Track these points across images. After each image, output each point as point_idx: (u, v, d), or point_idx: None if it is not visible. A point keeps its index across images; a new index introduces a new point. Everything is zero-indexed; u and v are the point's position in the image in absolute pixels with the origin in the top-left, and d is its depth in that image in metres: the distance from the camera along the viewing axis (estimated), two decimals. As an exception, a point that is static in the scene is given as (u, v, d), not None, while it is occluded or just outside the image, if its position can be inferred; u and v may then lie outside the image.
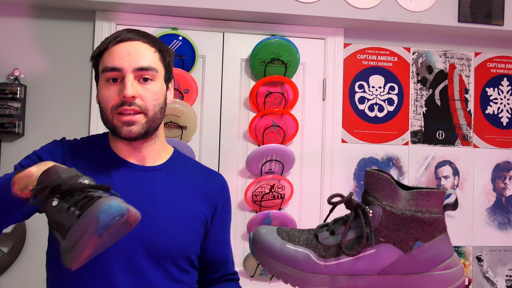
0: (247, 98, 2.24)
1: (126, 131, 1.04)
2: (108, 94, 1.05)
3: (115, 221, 0.73)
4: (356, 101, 2.34)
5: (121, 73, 1.04)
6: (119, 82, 1.05)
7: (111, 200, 0.74)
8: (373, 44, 2.36)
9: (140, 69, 1.04)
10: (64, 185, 0.79)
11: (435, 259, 0.69)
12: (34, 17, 2.16)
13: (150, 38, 1.10)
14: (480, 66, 2.46)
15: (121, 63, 1.04)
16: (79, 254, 0.75)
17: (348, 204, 0.72)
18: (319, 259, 0.70)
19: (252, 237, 0.74)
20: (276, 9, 2.11)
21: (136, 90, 1.03)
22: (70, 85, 2.16)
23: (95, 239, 0.73)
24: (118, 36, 1.07)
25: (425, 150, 2.38)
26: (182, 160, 1.20)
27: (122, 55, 1.04)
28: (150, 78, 1.06)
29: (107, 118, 1.06)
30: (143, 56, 1.06)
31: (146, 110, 1.05)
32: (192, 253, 1.11)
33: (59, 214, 0.78)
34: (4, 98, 2.06)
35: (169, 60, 1.13)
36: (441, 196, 0.69)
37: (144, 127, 1.05)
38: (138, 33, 1.09)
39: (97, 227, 0.72)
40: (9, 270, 2.08)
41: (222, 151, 2.21)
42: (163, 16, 2.18)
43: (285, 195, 2.19)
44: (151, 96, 1.06)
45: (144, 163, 1.12)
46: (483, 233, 2.41)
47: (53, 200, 0.79)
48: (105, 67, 1.05)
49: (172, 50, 1.17)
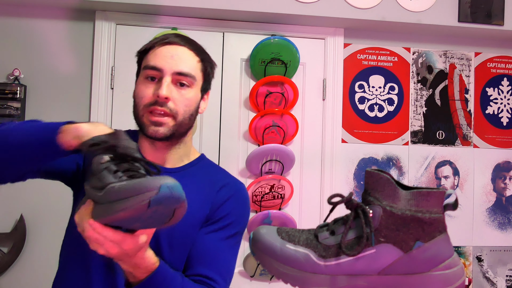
0: (247, 98, 2.24)
1: (152, 130, 1.06)
2: (144, 91, 1.08)
3: (170, 201, 0.72)
4: (356, 101, 2.34)
5: (160, 74, 1.07)
6: (157, 82, 1.08)
7: (177, 182, 0.74)
8: (373, 44, 2.36)
9: (179, 73, 1.07)
10: (121, 148, 0.80)
11: (435, 259, 0.69)
12: (34, 17, 2.16)
13: (196, 46, 1.13)
14: (480, 66, 2.46)
15: (163, 64, 1.07)
16: (116, 211, 0.73)
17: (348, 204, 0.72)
18: (319, 259, 0.70)
19: (252, 237, 0.74)
20: (276, 9, 2.11)
21: (170, 93, 1.06)
22: (70, 85, 2.16)
23: (142, 207, 0.71)
24: (166, 38, 1.11)
25: (425, 150, 2.38)
26: (203, 166, 1.19)
27: (166, 56, 1.08)
28: (186, 84, 1.09)
29: (138, 114, 1.09)
30: (185, 62, 1.09)
31: (176, 114, 1.07)
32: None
33: (104, 171, 0.78)
34: (4, 98, 2.06)
35: (209, 71, 1.16)
36: (441, 196, 0.69)
37: (171, 130, 1.07)
38: (185, 39, 1.13)
39: (152, 196, 0.71)
40: (9, 270, 2.08)
41: (222, 151, 2.21)
42: (163, 16, 2.18)
43: (285, 195, 2.19)
44: (183, 102, 1.08)
45: (163, 165, 1.13)
46: (483, 233, 2.41)
47: (102, 157, 0.80)
48: (147, 65, 1.09)
49: (214, 63, 1.19)
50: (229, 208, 1.14)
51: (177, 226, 1.05)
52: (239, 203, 1.17)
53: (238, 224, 1.16)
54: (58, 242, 1.15)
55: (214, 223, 1.12)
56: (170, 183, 0.73)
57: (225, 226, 1.13)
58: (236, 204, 1.16)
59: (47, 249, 2.08)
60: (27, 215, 2.10)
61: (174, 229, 1.06)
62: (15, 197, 2.09)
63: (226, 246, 1.13)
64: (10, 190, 2.05)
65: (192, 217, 1.09)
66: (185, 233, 1.08)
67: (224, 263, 1.12)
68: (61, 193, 2.19)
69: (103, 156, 0.80)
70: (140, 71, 1.13)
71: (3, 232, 2.09)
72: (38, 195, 2.09)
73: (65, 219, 1.16)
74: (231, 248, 1.14)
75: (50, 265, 2.08)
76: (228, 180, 1.19)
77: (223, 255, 1.12)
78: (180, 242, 1.08)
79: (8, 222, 2.10)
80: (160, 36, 1.14)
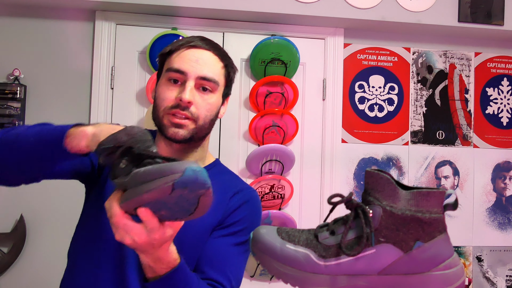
0: (247, 98, 2.24)
1: (173, 131, 1.06)
2: (166, 93, 1.08)
3: (195, 185, 0.70)
4: (356, 101, 2.34)
5: (184, 77, 1.07)
6: (180, 85, 1.08)
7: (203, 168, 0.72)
8: (373, 44, 2.36)
9: (203, 78, 1.08)
10: (137, 149, 0.77)
11: (435, 259, 0.69)
12: (34, 17, 2.16)
13: (220, 52, 1.13)
14: (480, 66, 2.46)
15: (187, 68, 1.07)
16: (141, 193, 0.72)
17: (348, 204, 0.72)
18: (319, 259, 0.70)
19: (252, 237, 0.74)
20: (276, 9, 2.11)
21: (193, 97, 1.06)
22: (70, 85, 2.16)
23: (167, 188, 0.70)
24: (191, 41, 1.11)
25: (425, 150, 2.38)
26: (217, 171, 1.19)
27: (191, 60, 1.08)
28: (209, 89, 1.09)
29: (158, 116, 1.08)
30: (209, 67, 1.09)
31: (197, 118, 1.07)
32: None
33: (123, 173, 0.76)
34: (4, 98, 2.06)
35: (232, 77, 1.17)
36: (441, 196, 0.69)
37: (190, 133, 1.07)
38: (211, 43, 1.13)
39: (177, 178, 0.69)
40: (9, 270, 2.08)
41: (222, 151, 2.21)
42: (163, 16, 2.18)
43: (285, 195, 2.19)
44: (205, 107, 1.08)
45: None
46: (483, 233, 2.41)
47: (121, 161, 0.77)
48: (171, 67, 1.08)
49: (236, 68, 1.19)
50: (242, 215, 1.14)
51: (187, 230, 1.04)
52: (252, 210, 1.17)
53: (249, 231, 1.13)
54: (58, 242, 1.16)
55: (226, 228, 1.11)
56: (196, 167, 0.71)
57: (236, 232, 1.12)
58: (249, 211, 1.16)
59: (47, 249, 2.08)
60: (27, 215, 2.10)
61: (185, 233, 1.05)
62: (15, 197, 2.09)
63: (236, 252, 1.12)
64: (10, 190, 2.05)
65: (203, 222, 1.08)
66: (196, 237, 1.08)
67: (233, 268, 1.11)
68: (61, 193, 2.20)
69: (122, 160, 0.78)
70: (163, 72, 1.12)
71: (3, 232, 2.09)
72: (38, 195, 2.09)
73: (65, 219, 1.17)
74: (240, 255, 1.14)
75: (50, 265, 2.09)
76: (242, 187, 1.19)
77: (233, 260, 1.12)
78: (191, 247, 1.07)
79: (8, 222, 2.10)
80: (184, 38, 1.14)
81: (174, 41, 1.14)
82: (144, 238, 0.79)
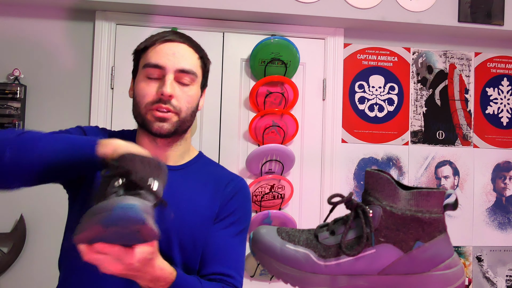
0: (247, 98, 2.24)
1: (157, 126, 1.06)
2: (146, 89, 1.07)
3: (124, 223, 0.70)
4: (356, 101, 2.34)
5: (163, 72, 1.07)
6: (159, 80, 1.07)
7: (138, 204, 0.71)
8: (373, 44, 2.36)
9: (182, 71, 1.08)
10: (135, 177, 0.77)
11: (435, 259, 0.69)
12: (34, 17, 2.16)
13: (194, 44, 1.14)
14: (480, 66, 2.46)
15: (165, 62, 1.07)
16: (81, 231, 0.73)
17: (348, 204, 0.72)
18: (319, 259, 0.70)
19: (252, 237, 0.74)
20: (276, 9, 2.11)
21: (174, 90, 1.06)
22: (70, 85, 2.16)
23: (99, 227, 0.71)
24: (165, 35, 1.11)
25: (425, 150, 2.38)
26: (204, 163, 1.20)
27: (167, 54, 1.08)
28: (188, 81, 1.09)
29: (140, 112, 1.08)
30: (186, 59, 1.09)
31: (179, 111, 1.08)
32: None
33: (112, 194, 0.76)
34: (4, 98, 2.06)
35: (208, 68, 1.17)
36: (441, 196, 0.69)
37: (174, 126, 1.07)
38: (184, 36, 1.13)
39: (105, 217, 0.70)
40: (9, 270, 2.08)
41: (222, 151, 2.21)
42: (163, 16, 2.18)
43: (285, 195, 2.19)
44: (186, 99, 1.09)
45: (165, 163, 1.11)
46: (483, 233, 2.41)
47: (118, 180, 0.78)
48: (148, 63, 1.08)
49: (209, 60, 1.20)
50: (236, 204, 1.16)
51: (186, 225, 1.07)
52: (244, 199, 1.19)
53: (245, 220, 1.19)
54: (58, 242, 1.15)
55: (223, 220, 1.13)
56: (126, 204, 0.70)
57: (234, 222, 1.15)
58: (242, 200, 1.18)
59: (47, 249, 2.08)
60: (27, 215, 2.10)
61: (184, 229, 1.07)
62: (15, 197, 2.09)
63: (237, 242, 1.15)
64: (10, 190, 2.05)
65: (201, 215, 1.10)
66: (196, 231, 1.09)
67: (237, 258, 1.15)
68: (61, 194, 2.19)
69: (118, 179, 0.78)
70: (139, 69, 1.12)
71: (3, 232, 2.09)
72: (38, 195, 2.09)
73: (65, 219, 1.16)
74: (240, 244, 1.17)
75: (50, 265, 2.08)
76: (232, 177, 1.21)
77: (236, 251, 1.15)
78: (192, 241, 1.08)
79: (8, 222, 2.10)
80: (157, 33, 1.13)
81: (147, 38, 1.14)
82: (119, 266, 0.78)
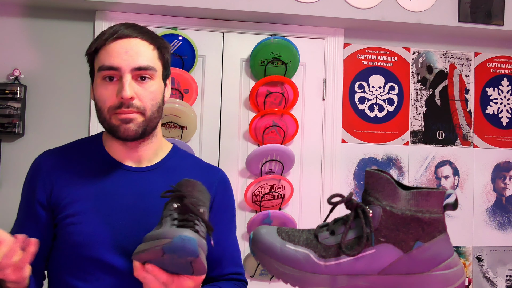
0: (247, 98, 2.24)
1: (124, 129, 1.01)
2: (105, 94, 1.01)
3: (181, 253, 0.79)
4: (356, 101, 2.34)
5: (119, 73, 1.00)
6: (117, 81, 1.01)
7: (195, 237, 0.80)
8: (373, 44, 2.36)
9: (138, 68, 1.01)
10: (188, 200, 0.88)
11: (435, 259, 0.69)
12: (34, 17, 2.16)
13: (148, 35, 1.06)
14: (480, 66, 2.46)
15: (119, 62, 1.00)
16: (141, 251, 0.83)
17: (348, 204, 0.72)
18: (319, 259, 0.70)
19: (252, 237, 0.74)
20: (276, 9, 2.11)
21: (133, 91, 1.00)
22: (70, 85, 2.16)
23: (158, 252, 0.80)
24: (115, 32, 1.02)
25: (425, 150, 2.38)
26: (180, 157, 1.15)
27: (120, 53, 1.00)
28: (148, 77, 1.02)
29: (105, 118, 1.02)
30: (141, 55, 1.02)
31: (144, 110, 1.01)
32: None
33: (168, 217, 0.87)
34: (4, 98, 2.06)
35: (167, 57, 1.09)
36: (441, 196, 0.69)
37: (141, 126, 1.02)
38: (136, 29, 1.05)
39: (166, 244, 0.79)
40: (9, 270, 2.08)
41: (222, 151, 2.21)
42: (163, 16, 2.18)
43: (285, 195, 2.19)
44: (149, 96, 1.02)
45: (140, 163, 1.09)
46: (483, 233, 2.41)
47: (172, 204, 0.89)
48: (102, 65, 1.01)
49: (169, 45, 1.13)
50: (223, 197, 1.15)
51: None
52: (227, 188, 1.18)
53: (232, 208, 1.19)
54: (58, 242, 1.14)
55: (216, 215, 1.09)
56: (186, 235, 0.79)
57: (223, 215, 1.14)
58: (227, 189, 1.17)
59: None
60: (27, 215, 2.10)
61: None
62: (15, 197, 2.09)
63: (232, 234, 1.18)
64: (10, 190, 2.05)
65: None
66: None
67: (237, 252, 1.18)
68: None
69: (173, 203, 0.89)
70: (95, 72, 1.04)
71: (3, 232, 2.08)
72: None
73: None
74: (234, 234, 1.19)
75: (50, 265, 2.08)
76: (211, 166, 1.19)
77: (234, 245, 1.18)
78: None
79: (8, 222, 2.10)
80: (107, 29, 1.05)
81: (97, 36, 1.05)
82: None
